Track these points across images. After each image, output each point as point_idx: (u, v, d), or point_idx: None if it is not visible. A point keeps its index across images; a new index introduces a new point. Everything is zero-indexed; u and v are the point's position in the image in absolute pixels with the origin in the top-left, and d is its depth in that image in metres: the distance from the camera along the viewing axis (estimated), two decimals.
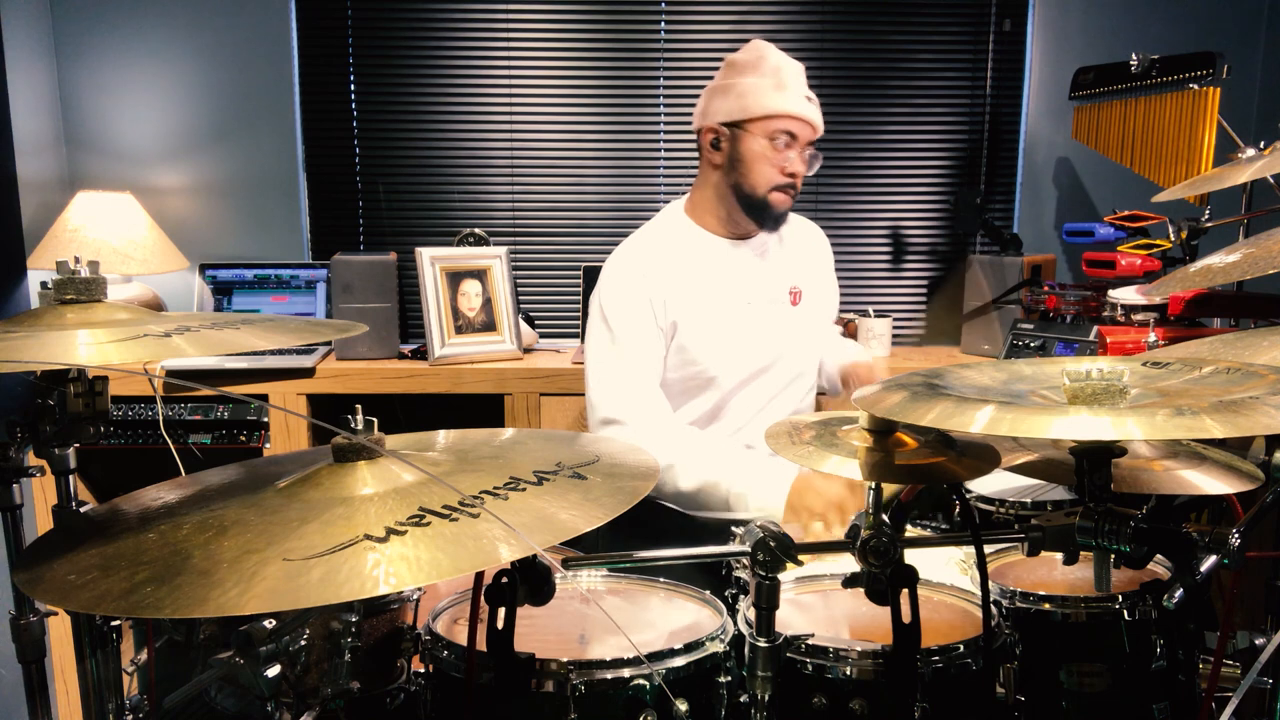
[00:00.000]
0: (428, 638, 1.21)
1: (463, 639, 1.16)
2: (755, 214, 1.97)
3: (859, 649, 1.16)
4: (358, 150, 3.09)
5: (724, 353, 1.95)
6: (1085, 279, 2.71)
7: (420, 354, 2.79)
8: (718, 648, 1.17)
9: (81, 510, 1.14)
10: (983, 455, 1.17)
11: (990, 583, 1.18)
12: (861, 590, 1.09)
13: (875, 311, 2.94)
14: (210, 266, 2.97)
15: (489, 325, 2.79)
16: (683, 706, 1.12)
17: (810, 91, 1.94)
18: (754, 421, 1.99)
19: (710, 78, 1.98)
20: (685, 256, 1.97)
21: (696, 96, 2.02)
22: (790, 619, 1.32)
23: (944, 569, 1.51)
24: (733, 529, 1.75)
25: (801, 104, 1.91)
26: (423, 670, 1.23)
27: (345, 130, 3.08)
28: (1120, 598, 1.31)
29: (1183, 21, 3.04)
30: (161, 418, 2.60)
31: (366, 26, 3.03)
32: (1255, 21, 3.05)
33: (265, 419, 2.64)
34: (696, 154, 2.03)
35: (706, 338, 1.93)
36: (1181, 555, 1.07)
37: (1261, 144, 2.10)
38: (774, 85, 1.90)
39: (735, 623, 1.23)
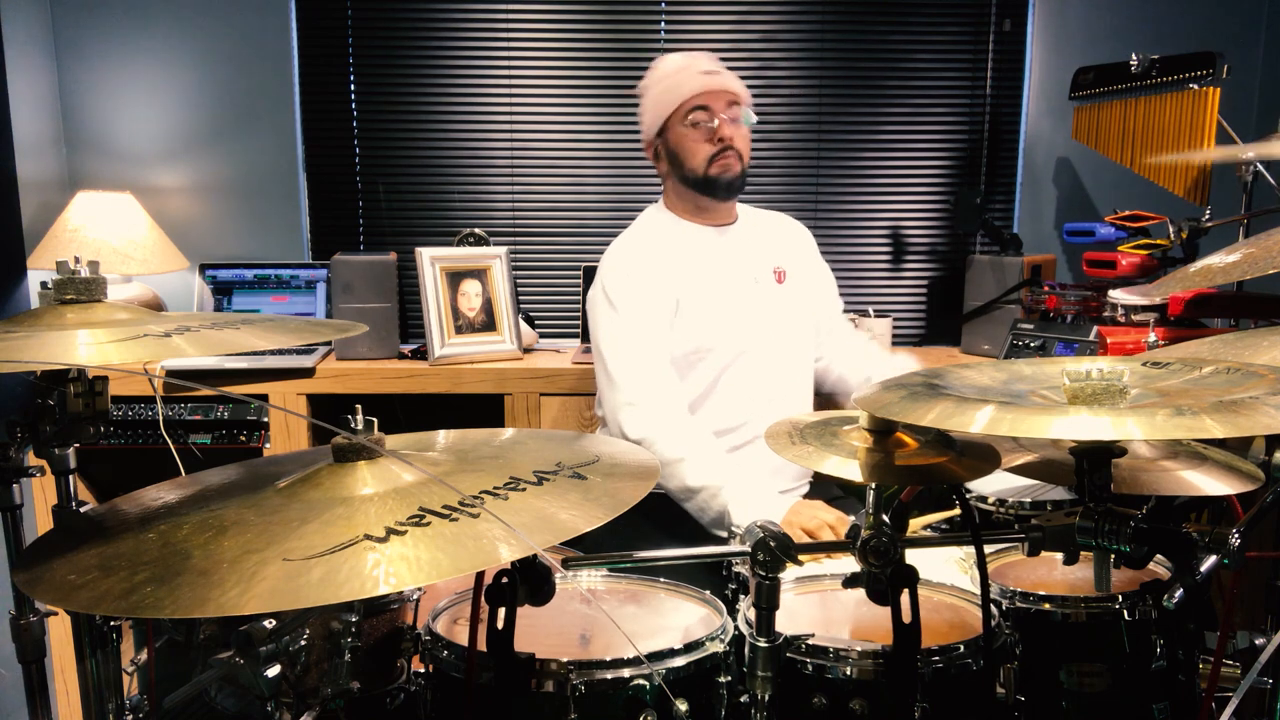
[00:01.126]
0: (428, 638, 1.21)
1: (463, 639, 1.16)
2: (709, 191, 2.06)
3: (859, 649, 1.16)
4: (358, 150, 3.09)
5: (719, 328, 2.01)
6: (1085, 279, 2.71)
7: (420, 354, 2.79)
8: (718, 648, 1.17)
9: (81, 510, 1.14)
10: (983, 455, 1.17)
11: (990, 583, 1.18)
12: (861, 590, 1.09)
13: (875, 311, 2.94)
14: (210, 266, 2.97)
15: (489, 325, 2.79)
16: (683, 706, 1.12)
17: (715, 63, 2.05)
18: (750, 400, 2.04)
19: None
20: (677, 242, 2.07)
21: None
22: (790, 619, 1.32)
23: (944, 569, 1.51)
24: (733, 529, 1.78)
25: (696, 80, 2.01)
26: (423, 670, 1.23)
27: (345, 130, 3.08)
28: (1120, 598, 1.31)
29: (1183, 21, 3.04)
30: (161, 418, 2.60)
31: (366, 26, 3.03)
32: (1255, 21, 3.05)
33: (265, 419, 2.64)
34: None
35: (704, 314, 2.01)
36: (1181, 555, 1.07)
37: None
38: (673, 79, 2.03)
39: (735, 623, 1.23)
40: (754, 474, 1.96)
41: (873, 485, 1.09)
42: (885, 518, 1.08)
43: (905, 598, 1.06)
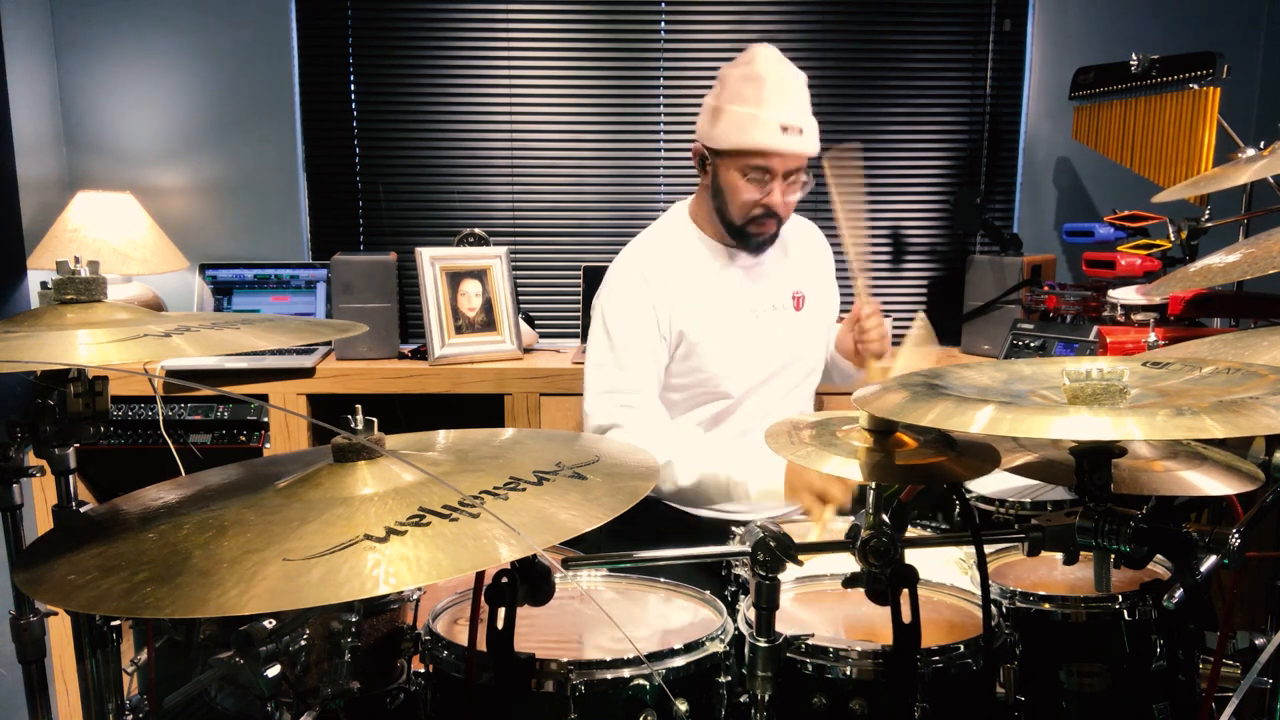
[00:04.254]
0: (428, 638, 1.21)
1: (463, 639, 1.16)
2: (736, 238, 1.95)
3: (859, 649, 1.16)
4: (358, 150, 3.09)
5: (733, 363, 1.94)
6: (1085, 279, 2.71)
7: (420, 354, 2.79)
8: (718, 648, 1.17)
9: (81, 510, 1.14)
10: (983, 455, 1.17)
11: (990, 583, 1.18)
12: (861, 590, 1.09)
13: None
14: (210, 266, 2.97)
15: (489, 325, 2.79)
16: (683, 706, 1.12)
17: (801, 116, 1.85)
18: (760, 425, 1.96)
19: (710, 79, 1.97)
20: (690, 264, 1.96)
21: (697, 97, 2.02)
22: (790, 619, 1.32)
23: (944, 569, 1.51)
24: (732, 529, 1.78)
25: (774, 138, 1.81)
26: (423, 670, 1.23)
27: (345, 130, 3.08)
28: (1120, 598, 1.31)
29: (1183, 21, 3.04)
30: (161, 418, 2.60)
31: (366, 26, 3.03)
32: (1255, 21, 3.05)
33: (265, 419, 2.64)
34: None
35: (715, 348, 1.93)
36: (1181, 555, 1.08)
37: (1261, 144, 2.10)
38: (750, 118, 1.81)
39: (735, 623, 1.23)
40: (742, 448, 1.89)
41: (873, 485, 1.09)
42: (885, 518, 1.08)
43: (905, 598, 1.06)
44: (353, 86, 3.06)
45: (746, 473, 1.77)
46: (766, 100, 1.82)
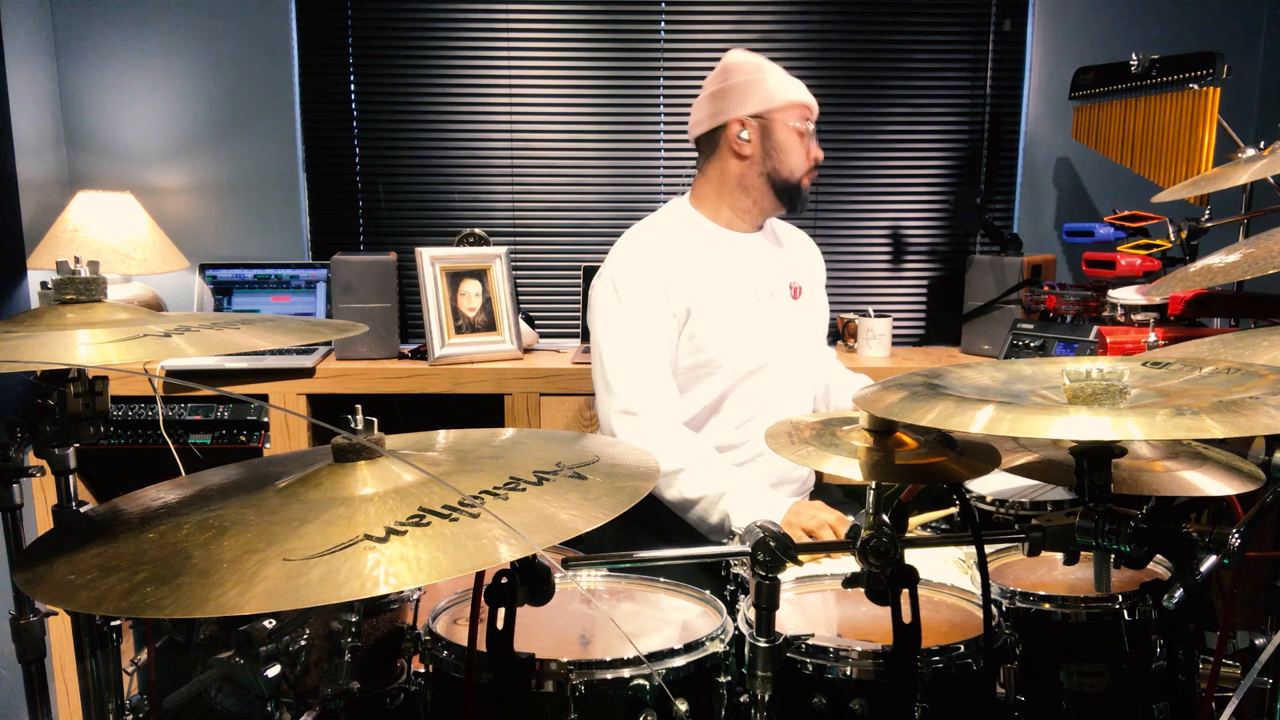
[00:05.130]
0: (428, 638, 1.21)
1: (463, 639, 1.16)
2: (788, 198, 2.04)
3: (859, 649, 1.16)
4: (358, 150, 3.09)
5: (732, 343, 1.96)
6: (1085, 279, 2.71)
7: (420, 354, 2.79)
8: (718, 648, 1.17)
9: (81, 510, 1.14)
10: (983, 455, 1.17)
11: (990, 583, 1.18)
12: (861, 590, 1.09)
13: (875, 311, 2.94)
14: (210, 266, 2.97)
15: (489, 325, 2.79)
16: (683, 706, 1.12)
17: None
18: (756, 417, 2.00)
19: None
20: (695, 246, 1.99)
21: (697, 96, 2.04)
22: (790, 619, 1.32)
23: (944, 569, 1.51)
24: (733, 529, 1.78)
25: (801, 90, 2.01)
26: (423, 670, 1.23)
27: (345, 130, 3.08)
28: (1120, 598, 1.31)
29: (1183, 21, 3.04)
30: (161, 418, 2.60)
31: (366, 26, 3.03)
32: (1255, 21, 3.05)
33: (265, 419, 2.64)
34: (698, 152, 2.04)
35: (717, 328, 1.95)
36: (1181, 555, 1.07)
37: (1261, 144, 2.10)
38: (772, 77, 1.98)
39: (735, 622, 1.23)
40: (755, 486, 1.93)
41: (873, 485, 1.09)
42: (885, 518, 1.08)
43: (905, 598, 1.06)
44: (353, 86, 3.06)
45: (746, 501, 1.79)
46: (772, 67, 2.01)
